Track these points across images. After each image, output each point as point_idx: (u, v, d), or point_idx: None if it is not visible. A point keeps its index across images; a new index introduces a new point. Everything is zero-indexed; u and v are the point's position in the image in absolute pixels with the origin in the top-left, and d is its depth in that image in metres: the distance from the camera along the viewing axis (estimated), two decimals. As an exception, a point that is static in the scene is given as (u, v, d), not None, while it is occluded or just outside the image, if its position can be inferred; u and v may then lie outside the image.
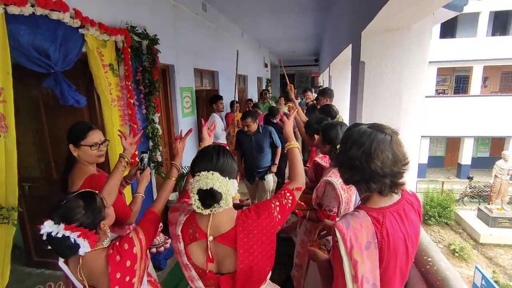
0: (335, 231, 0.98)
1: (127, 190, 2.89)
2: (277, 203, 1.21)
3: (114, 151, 2.67)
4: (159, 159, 3.36)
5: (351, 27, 2.84)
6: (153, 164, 3.34)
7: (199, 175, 1.05)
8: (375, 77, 2.26)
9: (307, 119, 3.03)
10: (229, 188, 1.06)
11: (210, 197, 1.04)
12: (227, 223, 1.14)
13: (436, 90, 15.69)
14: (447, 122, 12.95)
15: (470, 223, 9.25)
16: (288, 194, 1.25)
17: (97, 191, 1.30)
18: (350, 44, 2.86)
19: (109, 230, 1.27)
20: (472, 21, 13.83)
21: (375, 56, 2.23)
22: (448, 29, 14.22)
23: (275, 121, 4.17)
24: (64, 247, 1.11)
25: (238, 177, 1.17)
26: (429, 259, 1.38)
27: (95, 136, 1.70)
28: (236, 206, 1.21)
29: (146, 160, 1.98)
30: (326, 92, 3.93)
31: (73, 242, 1.09)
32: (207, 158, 1.10)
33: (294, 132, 5.17)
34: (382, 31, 2.15)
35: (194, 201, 1.05)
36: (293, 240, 3.42)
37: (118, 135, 1.75)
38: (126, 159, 1.63)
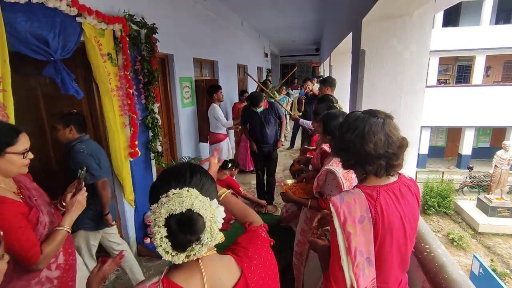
0: (330, 206, 1.02)
1: (129, 189, 2.91)
2: (264, 234, 1.02)
3: (115, 142, 2.67)
4: (159, 149, 3.37)
5: (352, 15, 2.80)
6: (153, 155, 3.35)
7: (167, 195, 0.72)
8: (376, 66, 2.24)
9: (300, 111, 3.10)
10: (215, 213, 0.74)
11: (187, 227, 0.68)
12: (228, 273, 0.82)
13: (438, 80, 15.56)
14: (448, 112, 12.87)
15: (470, 212, 9.31)
16: (261, 231, 1.04)
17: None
18: (351, 33, 2.83)
19: None
20: (476, 9, 13.60)
21: (376, 44, 2.20)
22: (451, 18, 14.01)
23: (258, 110, 3.82)
24: None
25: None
26: (427, 246, 1.40)
27: (26, 140, 1.39)
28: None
29: (82, 177, 1.54)
30: (327, 81, 3.89)
31: None
32: (176, 175, 0.79)
33: (307, 132, 5.17)
34: (383, 18, 2.12)
35: (160, 240, 0.68)
36: (293, 229, 3.46)
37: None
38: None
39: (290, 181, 2.42)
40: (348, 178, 1.74)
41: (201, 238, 0.70)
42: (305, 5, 6.43)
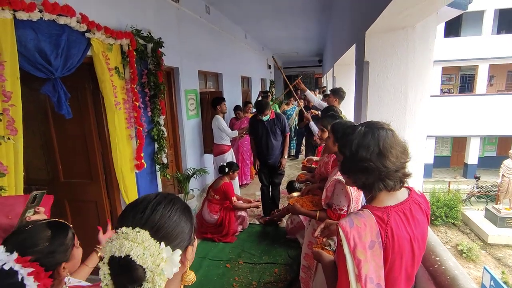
0: (339, 230, 0.97)
1: (133, 187, 2.91)
2: None
3: (121, 154, 2.69)
4: (165, 161, 3.38)
5: (355, 27, 2.84)
6: (159, 166, 3.36)
7: (117, 232, 0.67)
8: (380, 77, 2.25)
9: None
10: (161, 262, 0.65)
11: (124, 273, 0.64)
12: None
13: (441, 90, 15.56)
14: (452, 121, 12.82)
15: (478, 223, 9.13)
16: None
17: None
18: (354, 44, 2.86)
19: (69, 277, 1.00)
20: (477, 20, 13.70)
21: (380, 55, 2.22)
22: (453, 28, 14.11)
23: (264, 118, 3.80)
24: (6, 287, 0.83)
25: (194, 243, 0.79)
26: (437, 258, 1.37)
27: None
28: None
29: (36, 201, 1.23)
30: (338, 92, 3.90)
31: (19, 280, 0.83)
32: (138, 208, 0.71)
33: (311, 144, 5.11)
34: (386, 30, 2.14)
35: (103, 277, 0.66)
36: (298, 241, 3.42)
37: (97, 226, 1.46)
38: (99, 254, 1.36)
39: (295, 194, 2.41)
40: (355, 188, 1.73)
41: (142, 286, 0.63)
42: (307, 18, 6.54)
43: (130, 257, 0.62)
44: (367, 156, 0.99)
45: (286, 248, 3.50)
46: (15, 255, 0.85)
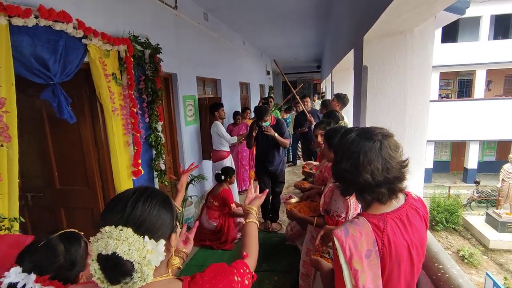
0: (334, 240, 0.94)
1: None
2: (239, 279, 0.89)
3: (118, 161, 2.66)
4: (162, 167, 3.35)
5: (353, 32, 2.84)
6: (157, 173, 3.33)
7: (100, 232, 0.72)
8: (379, 82, 2.24)
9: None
10: (147, 255, 0.71)
11: (113, 269, 0.70)
12: None
13: (440, 95, 15.61)
14: (451, 126, 12.84)
15: (479, 228, 9.08)
16: (248, 274, 0.96)
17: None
18: (352, 49, 2.86)
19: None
20: (473, 25, 13.82)
21: (378, 60, 2.21)
22: (450, 34, 14.21)
23: (263, 124, 3.75)
24: None
25: (177, 230, 0.84)
26: (440, 266, 1.34)
27: None
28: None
29: None
30: (342, 98, 3.91)
31: None
32: (117, 207, 0.75)
33: (308, 149, 5.07)
34: (384, 35, 2.14)
35: (94, 271, 0.71)
36: (298, 248, 3.37)
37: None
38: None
39: (294, 200, 2.38)
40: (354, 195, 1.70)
41: (132, 276, 0.70)
42: (306, 25, 6.57)
43: (116, 254, 0.68)
44: (346, 167, 0.97)
45: (285, 255, 3.45)
46: (33, 276, 0.86)
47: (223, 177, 3.80)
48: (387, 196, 0.97)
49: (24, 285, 0.85)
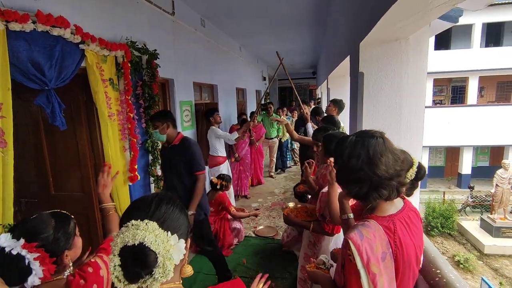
0: (349, 244, 0.91)
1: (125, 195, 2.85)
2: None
3: (114, 166, 2.64)
4: (159, 173, 3.33)
5: (349, 39, 2.88)
6: (153, 178, 3.31)
7: (126, 225, 0.73)
8: (374, 88, 2.26)
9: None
10: (170, 249, 0.72)
11: (137, 260, 0.69)
12: None
13: (434, 101, 15.81)
14: (445, 132, 12.97)
15: (474, 233, 9.13)
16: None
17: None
18: (348, 56, 2.89)
19: (71, 264, 1.07)
20: (466, 33, 14.07)
21: (374, 67, 2.24)
22: (443, 41, 14.46)
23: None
24: (13, 270, 0.89)
25: (189, 241, 0.85)
26: (438, 271, 1.34)
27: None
28: None
29: None
30: (339, 103, 3.92)
31: (26, 265, 0.89)
32: (142, 206, 0.80)
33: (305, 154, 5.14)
34: (380, 42, 2.17)
35: (113, 269, 0.70)
36: (295, 254, 3.36)
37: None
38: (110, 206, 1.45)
39: (291, 204, 2.38)
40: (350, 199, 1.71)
41: (153, 272, 0.70)
42: (302, 31, 6.63)
43: (143, 243, 0.69)
44: (357, 165, 0.97)
45: (282, 261, 3.43)
46: (21, 241, 0.91)
47: (218, 187, 3.77)
48: (396, 192, 0.97)
49: (12, 249, 0.89)
